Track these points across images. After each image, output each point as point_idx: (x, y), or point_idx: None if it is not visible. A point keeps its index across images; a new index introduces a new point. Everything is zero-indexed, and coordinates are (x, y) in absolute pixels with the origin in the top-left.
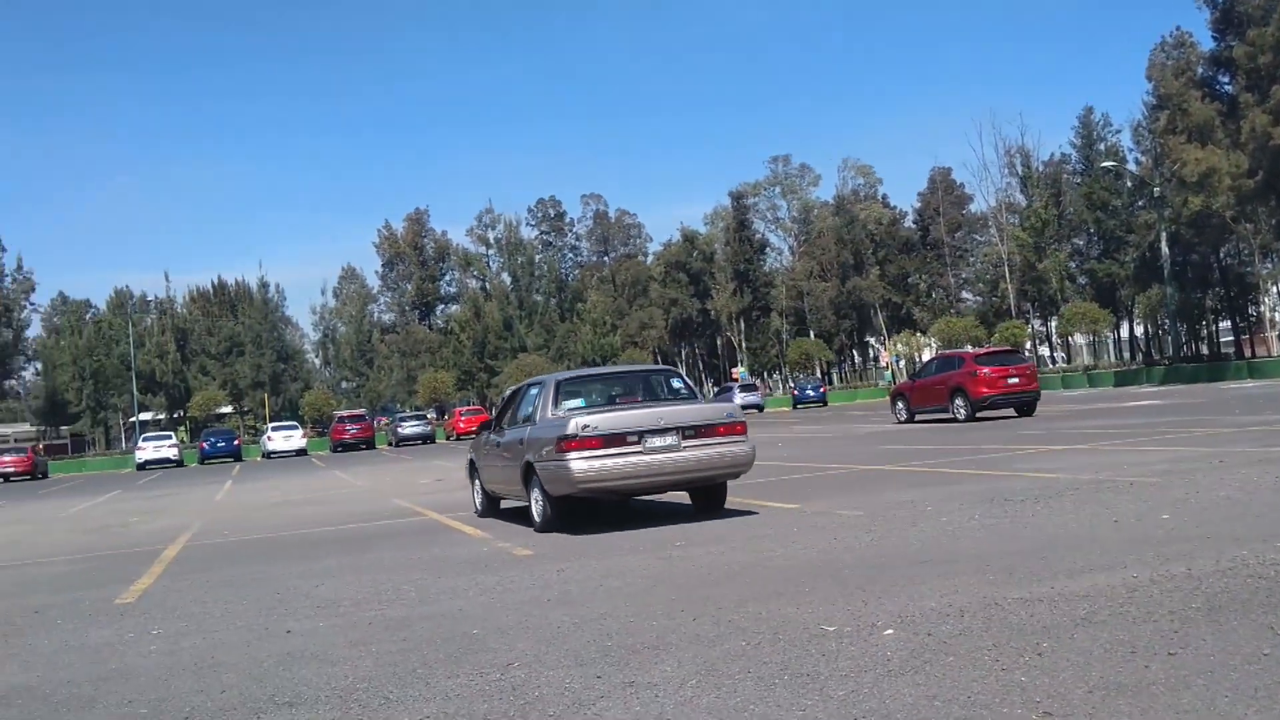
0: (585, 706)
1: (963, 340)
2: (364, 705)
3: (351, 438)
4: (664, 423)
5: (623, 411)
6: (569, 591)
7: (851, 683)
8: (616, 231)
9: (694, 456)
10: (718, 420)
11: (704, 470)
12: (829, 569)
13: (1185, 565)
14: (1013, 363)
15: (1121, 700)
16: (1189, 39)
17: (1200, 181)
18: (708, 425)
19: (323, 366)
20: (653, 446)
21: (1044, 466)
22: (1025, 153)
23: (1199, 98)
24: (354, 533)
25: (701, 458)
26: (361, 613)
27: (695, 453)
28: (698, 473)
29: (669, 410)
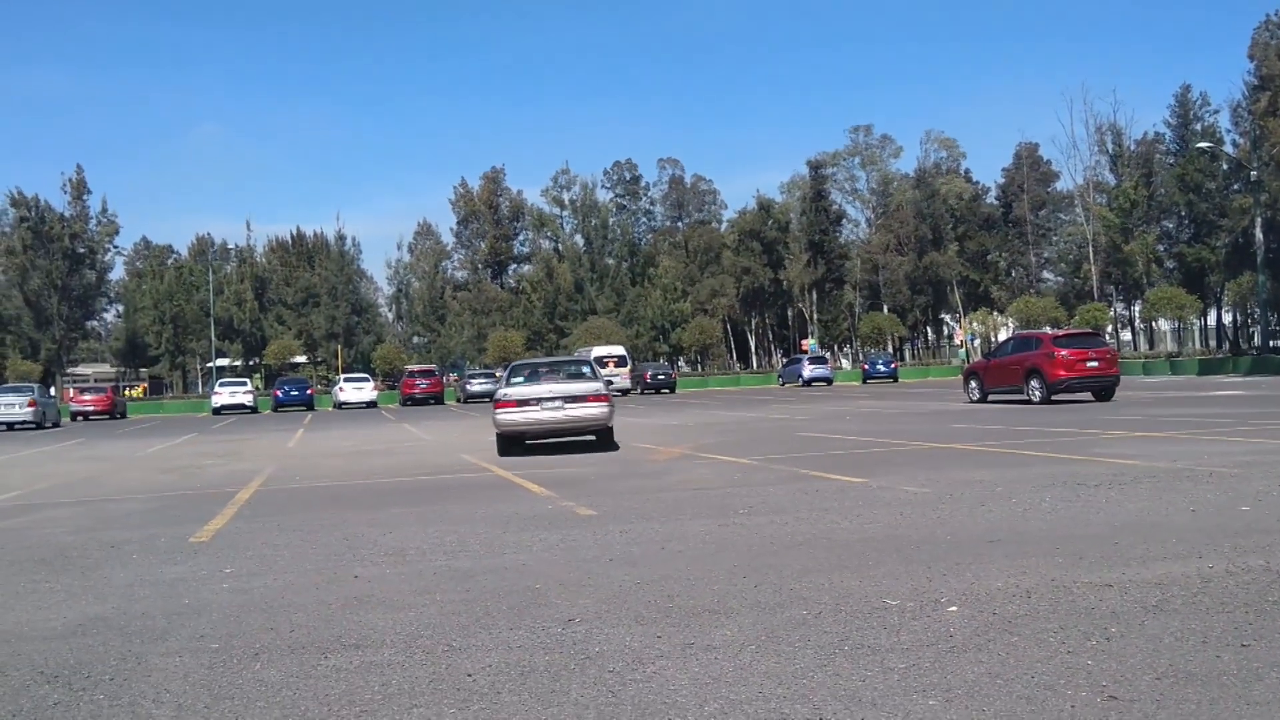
0: (644, 665)
1: (1041, 321)
2: (428, 651)
3: (421, 392)
4: (551, 394)
5: (530, 386)
6: (631, 552)
7: (912, 656)
8: (692, 197)
9: (571, 415)
10: (588, 393)
11: (577, 423)
12: (893, 544)
13: (1263, 558)
14: (1092, 346)
15: (1190, 689)
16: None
17: None
18: (581, 396)
19: (395, 321)
20: (546, 407)
21: (1120, 453)
22: (1117, 130)
23: None
24: (421, 485)
25: (576, 416)
26: (427, 562)
27: (572, 412)
28: (573, 424)
29: (558, 386)
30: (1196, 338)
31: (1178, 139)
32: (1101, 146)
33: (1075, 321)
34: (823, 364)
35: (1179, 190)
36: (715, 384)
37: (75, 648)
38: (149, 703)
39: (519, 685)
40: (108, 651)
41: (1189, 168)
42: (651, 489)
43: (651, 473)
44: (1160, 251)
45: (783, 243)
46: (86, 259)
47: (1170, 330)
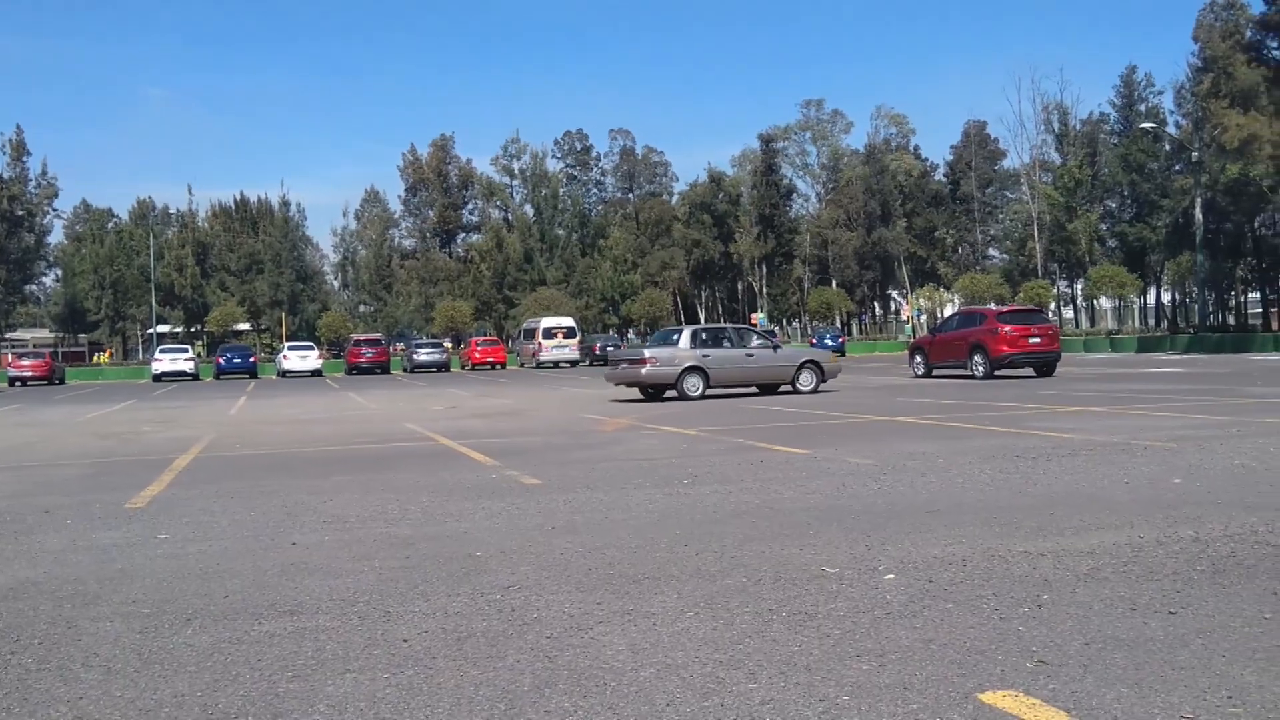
0: (583, 630)
1: (986, 297)
2: (363, 617)
3: (367, 361)
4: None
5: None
6: (575, 521)
7: (849, 623)
8: (643, 169)
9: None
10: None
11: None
12: (835, 513)
13: (1193, 529)
14: (1035, 322)
15: (1118, 654)
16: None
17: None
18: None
19: (341, 289)
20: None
21: (1059, 426)
22: (1063, 109)
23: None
24: (365, 453)
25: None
26: (367, 529)
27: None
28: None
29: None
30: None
31: (1122, 119)
32: (1048, 126)
33: (1019, 298)
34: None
35: (1122, 170)
36: None
37: (5, 612)
38: (78, 666)
39: (455, 650)
40: (38, 616)
41: (1132, 148)
42: (598, 459)
43: (598, 443)
44: (1103, 230)
45: (733, 216)
46: (25, 222)
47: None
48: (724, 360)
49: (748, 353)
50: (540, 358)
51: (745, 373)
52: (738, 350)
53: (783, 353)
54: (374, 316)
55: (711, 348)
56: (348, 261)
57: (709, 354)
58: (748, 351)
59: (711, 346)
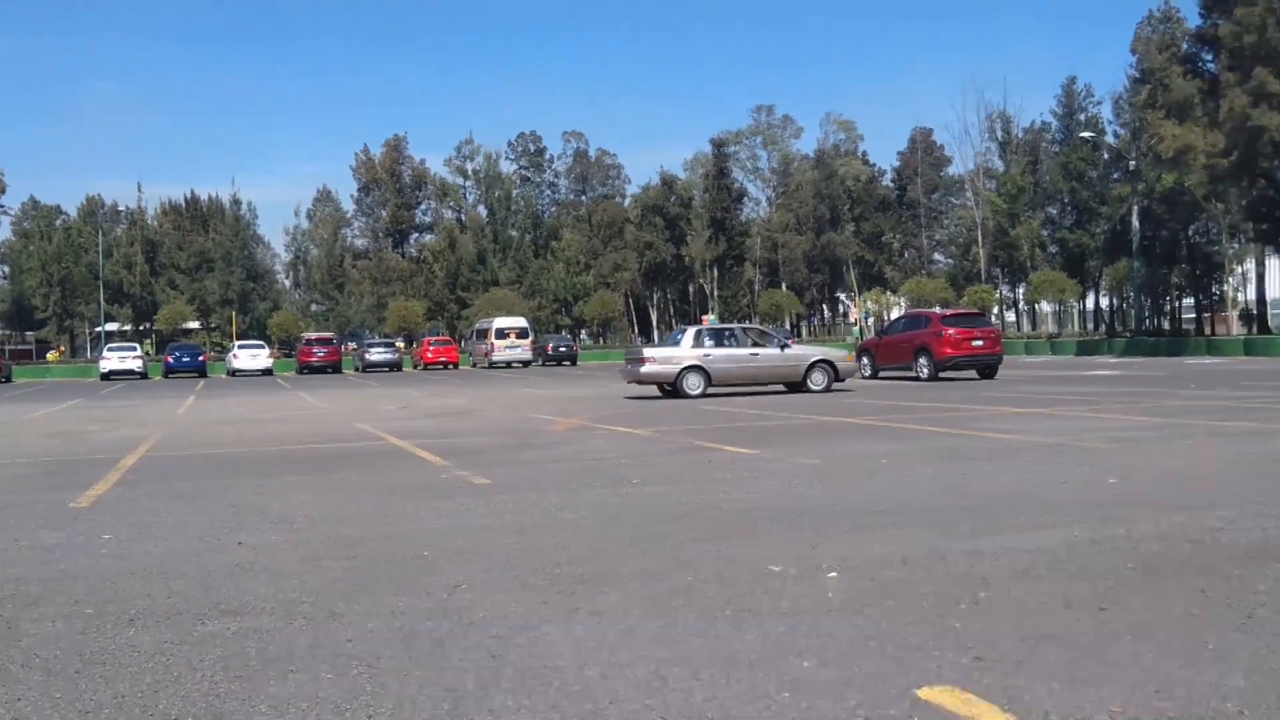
0: (528, 630)
1: (932, 301)
2: (308, 618)
3: (318, 361)
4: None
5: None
6: (523, 521)
7: (791, 620)
8: (596, 171)
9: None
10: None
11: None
12: (781, 513)
13: (1125, 528)
14: (978, 325)
15: (1050, 649)
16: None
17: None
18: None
19: (292, 288)
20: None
21: (1000, 428)
22: (1006, 118)
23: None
24: (314, 453)
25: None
26: (314, 530)
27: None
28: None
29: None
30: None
31: (1063, 128)
32: (991, 134)
33: (963, 302)
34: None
35: (1062, 178)
36: (616, 357)
37: None
38: (17, 667)
39: (400, 651)
40: None
41: (1072, 156)
42: (547, 459)
43: (548, 443)
44: (1044, 236)
45: (685, 219)
46: None
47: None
48: (726, 359)
49: (752, 352)
50: (493, 358)
51: (749, 372)
52: (741, 349)
53: (790, 352)
54: (326, 316)
55: (714, 347)
56: (299, 260)
57: (710, 353)
58: (752, 351)
59: (714, 346)
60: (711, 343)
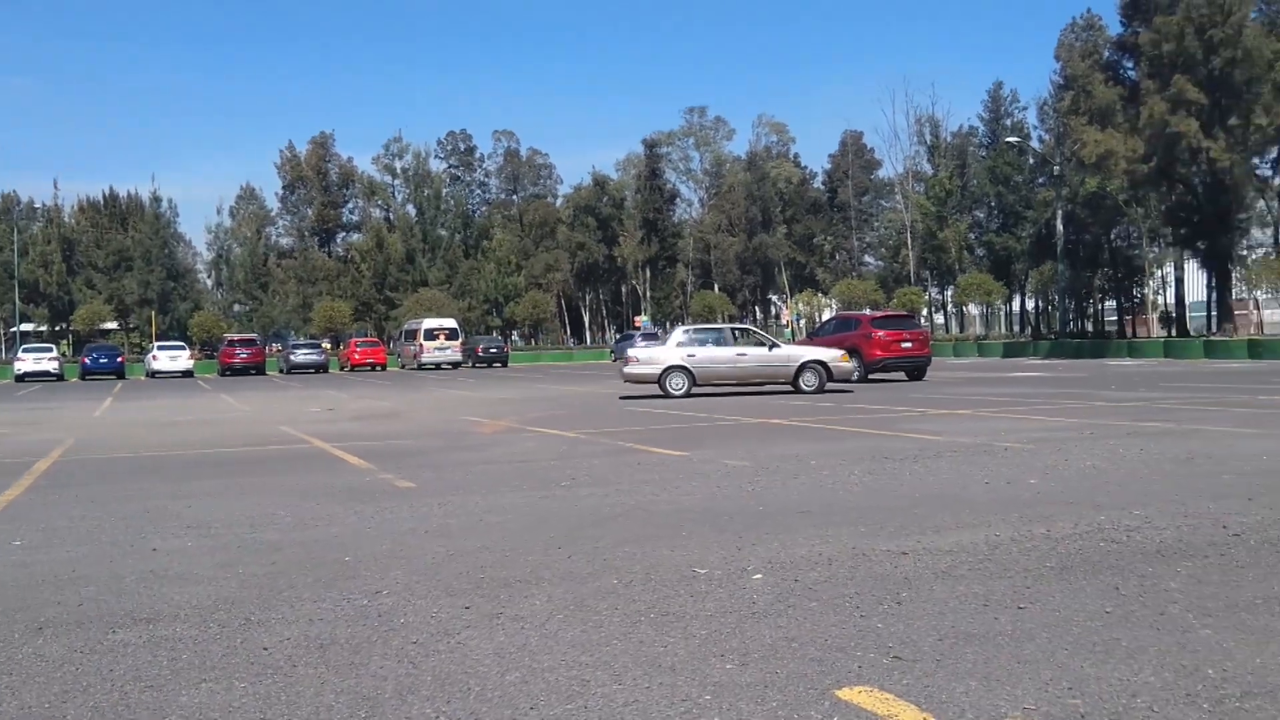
0: (450, 635)
1: (862, 303)
2: (223, 625)
3: (241, 362)
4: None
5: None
6: (448, 524)
7: (715, 623)
8: (527, 171)
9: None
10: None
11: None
12: (708, 515)
13: (1045, 527)
14: (907, 327)
15: (969, 648)
16: (1098, 22)
17: (1097, 163)
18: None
19: (214, 288)
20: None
21: (927, 429)
22: (935, 122)
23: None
24: (234, 456)
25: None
26: (232, 535)
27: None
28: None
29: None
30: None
31: (989, 133)
32: (920, 138)
33: (893, 304)
34: (655, 340)
35: (989, 182)
36: (548, 359)
37: None
38: None
39: (317, 658)
40: None
41: (999, 161)
42: (475, 461)
43: (476, 445)
44: (971, 239)
45: (617, 219)
46: None
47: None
48: (711, 360)
49: (739, 352)
50: (422, 359)
51: (736, 373)
52: (728, 350)
53: (779, 353)
54: (249, 316)
55: (698, 347)
56: (222, 260)
57: (694, 353)
58: (739, 351)
59: (699, 346)
60: (697, 343)
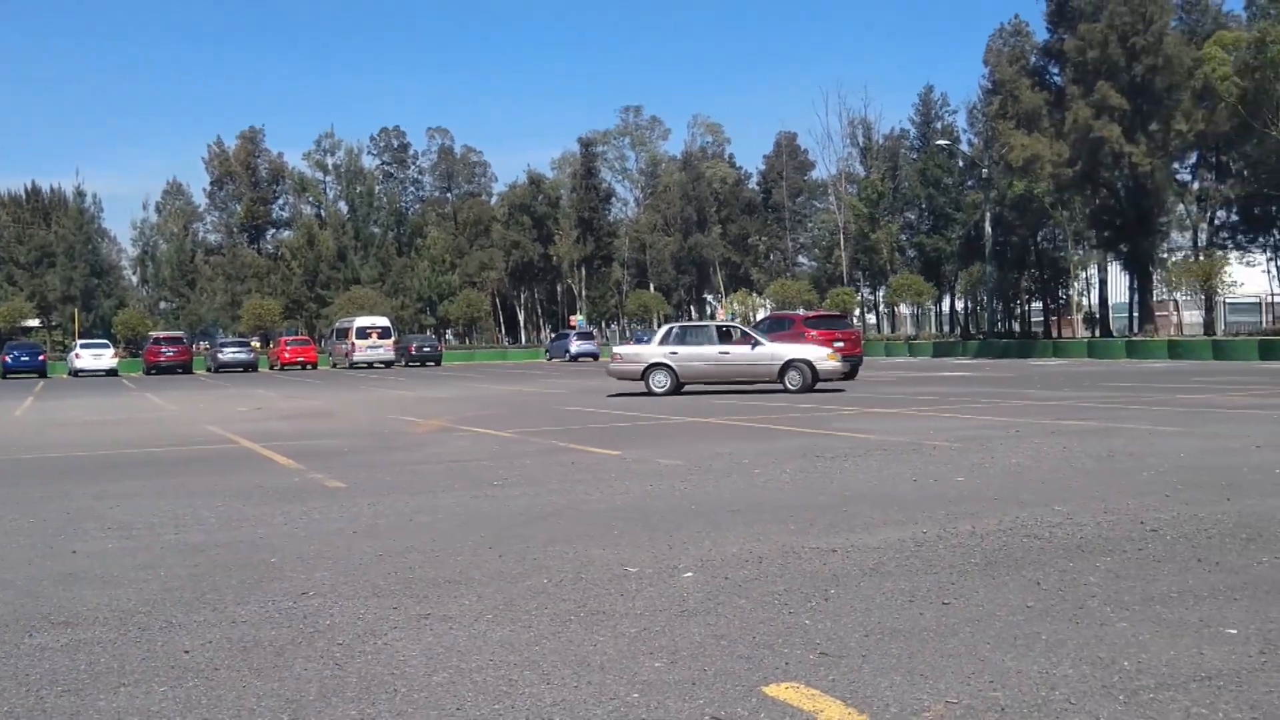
0: (376, 636)
1: (796, 303)
2: (143, 628)
3: (167, 360)
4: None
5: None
6: (377, 525)
7: (645, 621)
8: (461, 169)
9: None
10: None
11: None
12: (640, 514)
13: (971, 524)
14: (839, 327)
15: (894, 643)
16: (1026, 28)
17: (1024, 167)
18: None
19: (140, 285)
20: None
21: (858, 427)
22: (867, 124)
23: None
24: (159, 457)
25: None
26: (155, 536)
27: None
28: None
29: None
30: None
31: (920, 136)
32: (853, 140)
33: (826, 304)
34: (590, 340)
35: (920, 184)
36: (482, 358)
37: None
38: None
39: (239, 661)
40: None
41: (929, 163)
42: (406, 461)
43: (408, 445)
44: (903, 241)
45: (553, 218)
46: None
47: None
48: (694, 358)
49: (721, 350)
50: (354, 358)
51: (718, 370)
52: (710, 348)
53: (762, 350)
54: (176, 314)
55: (681, 345)
56: (147, 256)
57: (677, 351)
58: (721, 349)
59: (681, 344)
60: (681, 341)
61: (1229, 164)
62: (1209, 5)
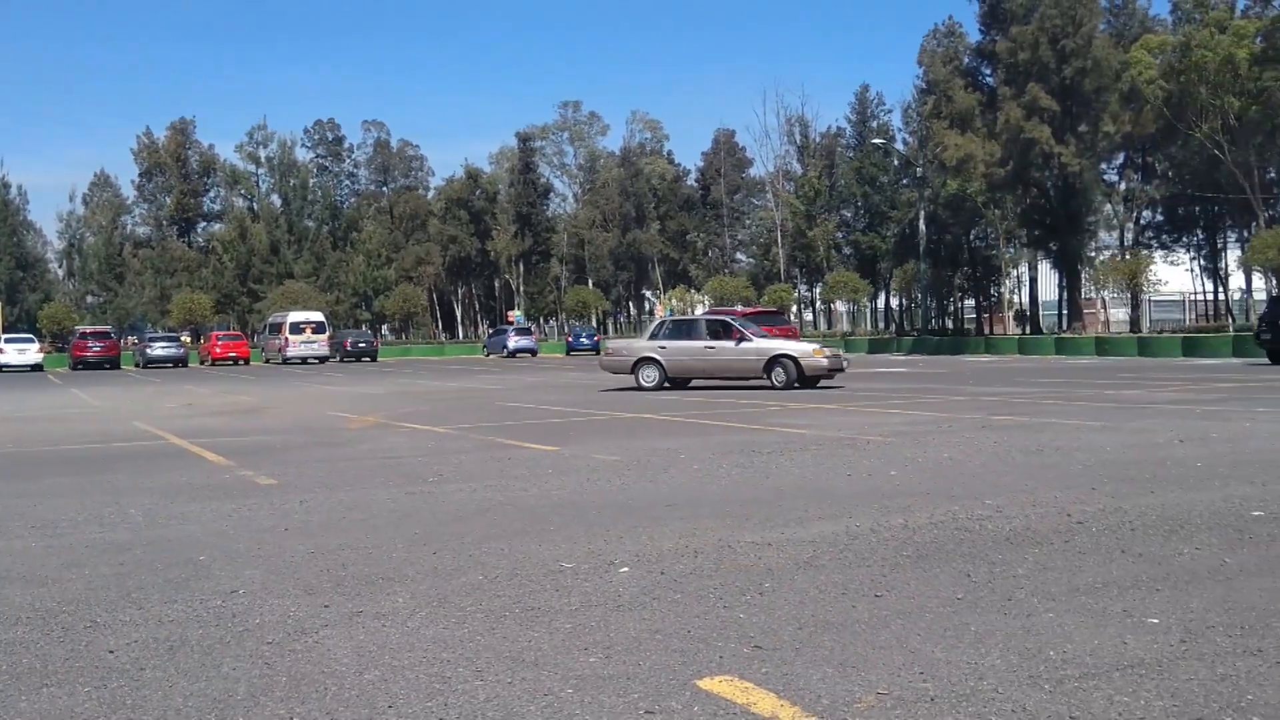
0: (306, 635)
1: (734, 299)
2: (67, 628)
3: (94, 356)
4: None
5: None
6: (309, 522)
7: (580, 617)
8: (398, 162)
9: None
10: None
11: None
12: (577, 509)
13: (903, 517)
14: (775, 324)
15: (826, 636)
16: (959, 29)
17: (958, 166)
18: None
19: (66, 278)
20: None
21: (793, 423)
22: (804, 123)
23: (963, 86)
24: (85, 454)
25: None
26: (79, 535)
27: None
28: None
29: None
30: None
31: (856, 135)
32: (790, 138)
33: (764, 301)
34: (528, 335)
35: (856, 182)
36: (419, 353)
37: None
38: None
39: (165, 661)
40: None
41: (865, 162)
42: (340, 457)
43: (342, 441)
44: (839, 238)
45: (490, 213)
46: None
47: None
48: (680, 352)
49: (707, 345)
50: (287, 353)
51: (704, 365)
52: (696, 343)
53: (747, 346)
54: (103, 308)
55: (670, 339)
56: (74, 249)
57: (666, 345)
58: (708, 344)
59: (671, 338)
60: (670, 335)
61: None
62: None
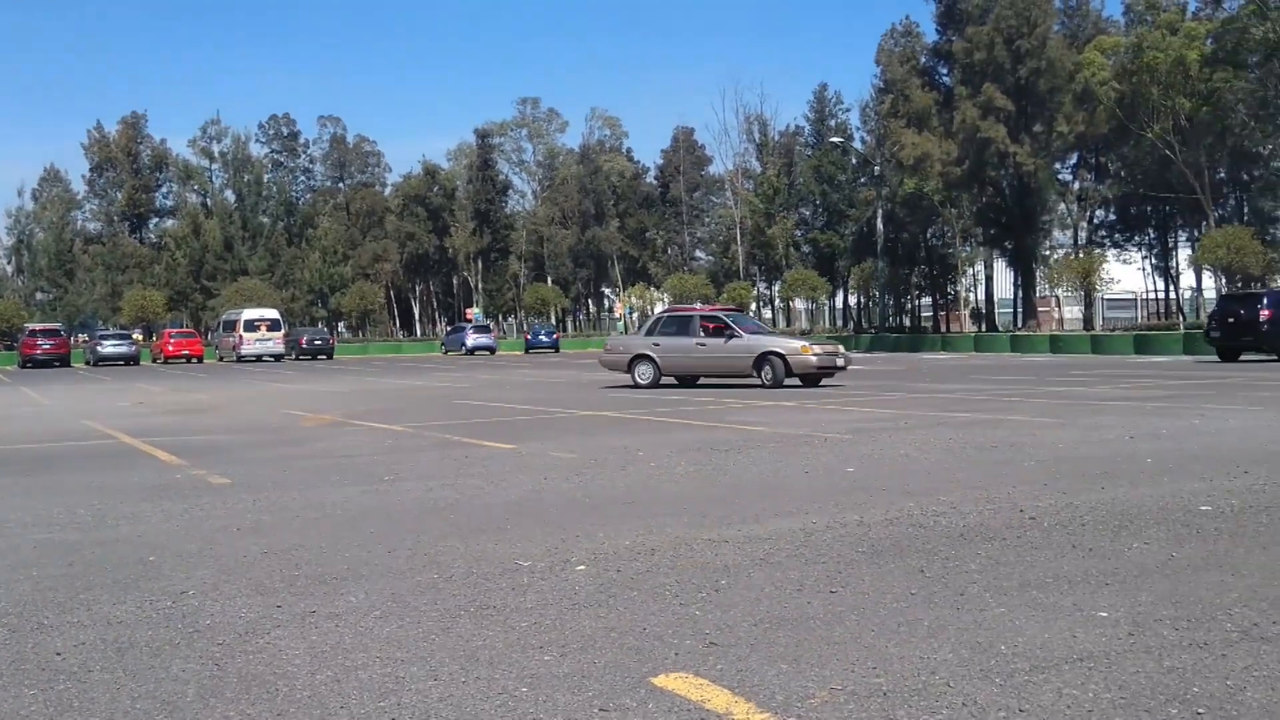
0: (258, 635)
1: (693, 297)
2: (14, 630)
3: (43, 354)
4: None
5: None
6: (262, 521)
7: (536, 615)
8: (354, 158)
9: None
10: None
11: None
12: (534, 507)
13: (859, 514)
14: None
15: (781, 632)
16: (916, 29)
17: (915, 165)
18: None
19: (15, 275)
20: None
21: (751, 420)
22: (763, 121)
23: (920, 86)
24: (34, 453)
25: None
26: (27, 535)
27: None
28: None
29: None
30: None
31: (815, 133)
32: (749, 135)
33: (723, 298)
34: (486, 333)
35: (814, 180)
36: (376, 351)
37: None
38: None
39: (114, 662)
40: None
41: (823, 160)
42: (295, 456)
43: (297, 440)
44: (798, 236)
45: (448, 210)
46: None
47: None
48: (673, 349)
49: (699, 342)
50: (241, 351)
51: (695, 362)
52: (689, 339)
53: (736, 343)
54: (53, 305)
55: (664, 335)
56: (22, 245)
57: (660, 342)
58: (699, 341)
59: (664, 335)
60: (664, 331)
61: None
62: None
